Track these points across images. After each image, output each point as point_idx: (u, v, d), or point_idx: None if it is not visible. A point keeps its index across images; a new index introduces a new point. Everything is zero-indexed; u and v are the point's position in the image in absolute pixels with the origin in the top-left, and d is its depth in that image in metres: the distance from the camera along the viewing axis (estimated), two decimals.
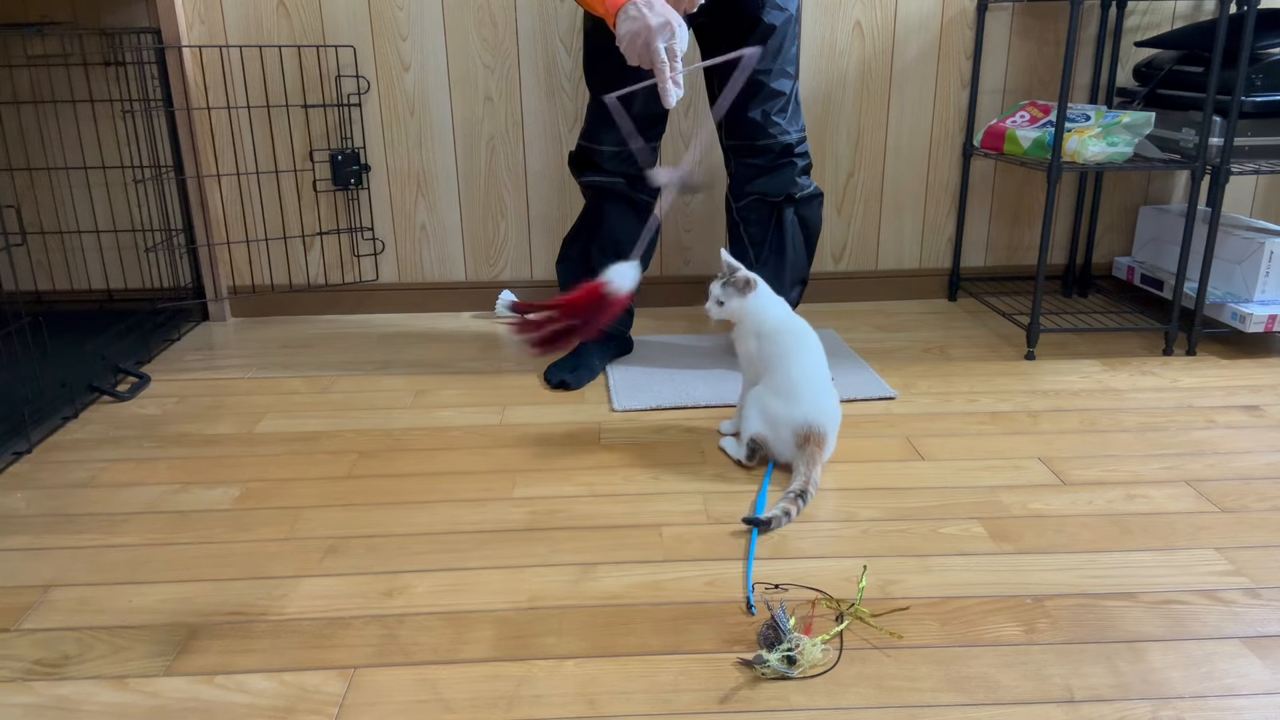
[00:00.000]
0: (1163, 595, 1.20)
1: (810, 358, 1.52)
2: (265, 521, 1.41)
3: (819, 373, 1.51)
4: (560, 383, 1.91)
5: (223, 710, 1.02)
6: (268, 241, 2.39)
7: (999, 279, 2.51)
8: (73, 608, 1.21)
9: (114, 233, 2.36)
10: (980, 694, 1.03)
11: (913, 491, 1.47)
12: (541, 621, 1.16)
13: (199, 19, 2.23)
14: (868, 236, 2.47)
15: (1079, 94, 2.39)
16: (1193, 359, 2.03)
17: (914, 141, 2.39)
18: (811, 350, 1.52)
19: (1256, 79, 1.96)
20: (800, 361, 1.51)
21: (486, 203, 2.39)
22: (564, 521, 1.40)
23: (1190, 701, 1.01)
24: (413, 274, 2.45)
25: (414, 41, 2.26)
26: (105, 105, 2.26)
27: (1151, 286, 2.30)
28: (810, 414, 1.47)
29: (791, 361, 1.50)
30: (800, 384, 1.49)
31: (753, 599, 1.19)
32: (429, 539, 1.36)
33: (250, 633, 1.15)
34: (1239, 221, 2.25)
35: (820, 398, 1.49)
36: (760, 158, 1.86)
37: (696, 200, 2.40)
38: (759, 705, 1.02)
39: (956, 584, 1.23)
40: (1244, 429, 1.68)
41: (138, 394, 1.92)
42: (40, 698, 1.05)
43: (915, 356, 2.08)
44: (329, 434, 1.72)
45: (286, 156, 2.33)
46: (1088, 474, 1.52)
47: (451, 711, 1.02)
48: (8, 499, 1.50)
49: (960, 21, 2.31)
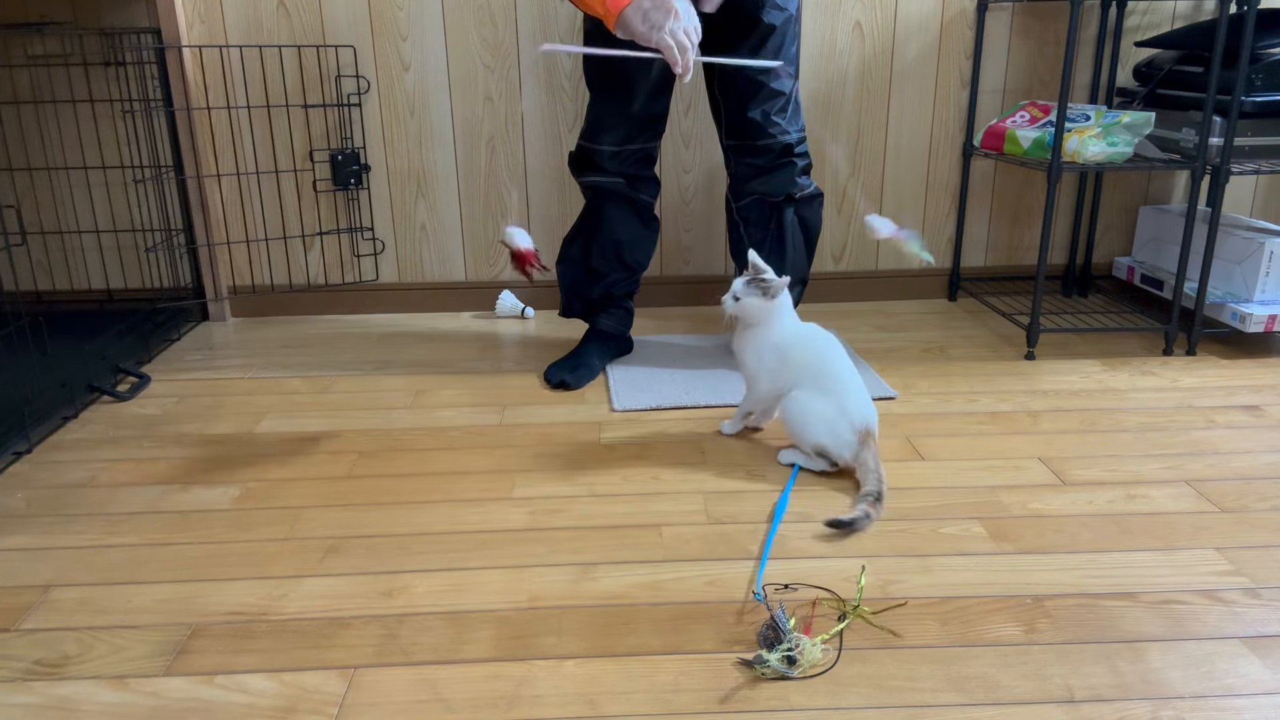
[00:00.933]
0: (1163, 595, 1.20)
1: (845, 359, 1.53)
2: (265, 521, 1.41)
3: (855, 372, 1.53)
4: (560, 383, 1.91)
5: (223, 710, 1.02)
6: (268, 241, 2.39)
7: (999, 279, 2.51)
8: (73, 608, 1.21)
9: (114, 233, 2.36)
10: (980, 694, 1.03)
11: (913, 491, 1.47)
12: (541, 621, 1.16)
13: (199, 19, 2.23)
14: (868, 236, 2.46)
15: (1079, 94, 2.39)
16: (1193, 359, 2.03)
17: (914, 142, 2.39)
18: (843, 351, 1.54)
19: (1256, 79, 1.96)
20: (842, 363, 1.52)
21: (486, 203, 2.39)
22: (564, 521, 1.40)
23: (1190, 701, 1.01)
24: (413, 274, 2.45)
25: (414, 41, 2.26)
26: (105, 105, 2.26)
27: (1151, 286, 2.30)
28: (866, 410, 1.49)
29: (833, 363, 1.51)
30: (849, 384, 1.50)
31: (761, 594, 1.19)
32: (429, 539, 1.36)
33: (250, 633, 1.15)
34: (1239, 221, 2.25)
35: (865, 395, 1.51)
36: (760, 158, 1.86)
37: (697, 201, 2.40)
38: (759, 705, 1.02)
39: (956, 584, 1.23)
40: (1244, 429, 1.68)
41: (138, 394, 1.92)
42: (40, 698, 1.05)
43: (915, 356, 2.08)
44: (329, 434, 1.72)
45: (286, 156, 2.33)
46: (1088, 474, 1.52)
47: (451, 711, 1.02)
48: (8, 499, 1.50)
49: (960, 21, 2.31)
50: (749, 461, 1.58)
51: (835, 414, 1.48)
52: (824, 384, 1.51)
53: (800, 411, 1.51)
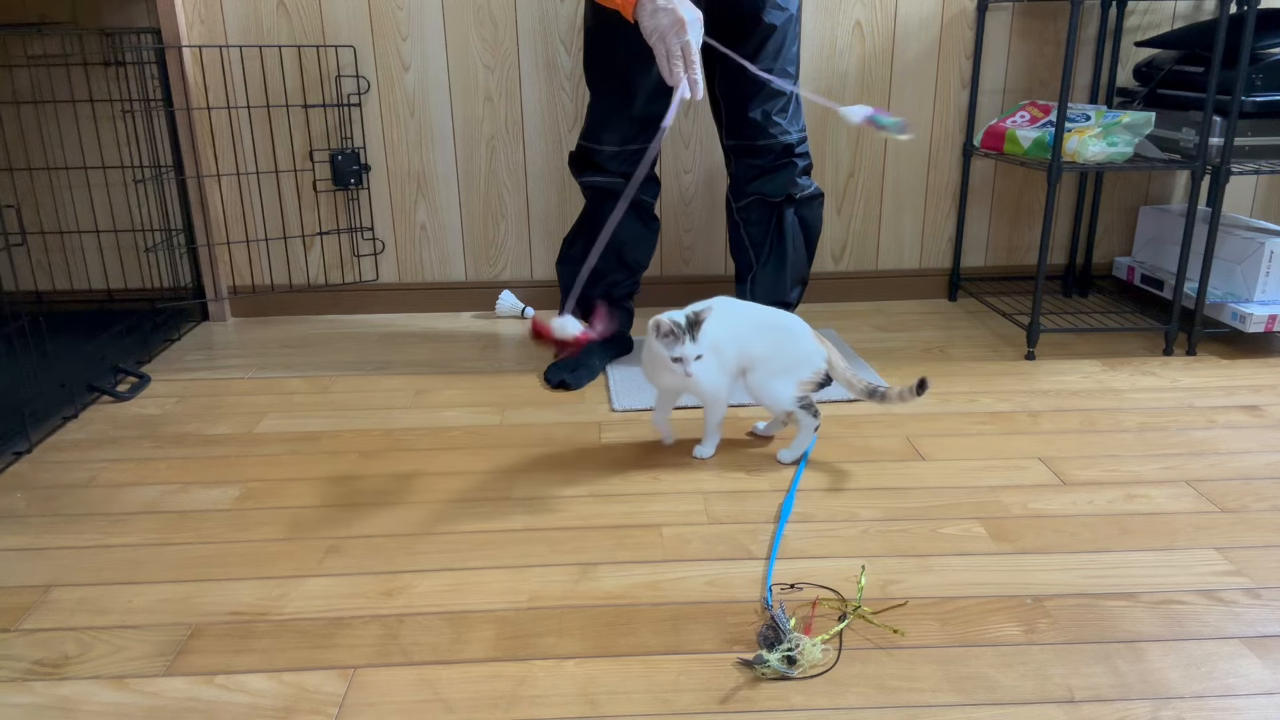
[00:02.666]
0: (1163, 595, 1.20)
1: (759, 315, 1.55)
2: (265, 521, 1.41)
3: (777, 323, 1.55)
4: (560, 383, 1.91)
5: (223, 710, 1.02)
6: (268, 241, 2.39)
7: (999, 279, 2.51)
8: (73, 608, 1.21)
9: (114, 233, 2.36)
10: (980, 694, 1.03)
11: (913, 491, 1.47)
12: (541, 621, 1.16)
13: (199, 19, 2.23)
14: (868, 236, 2.47)
15: (1079, 94, 2.39)
16: (1193, 359, 2.03)
17: (914, 141, 2.39)
18: (748, 309, 1.56)
19: (1256, 79, 1.96)
20: (760, 331, 1.54)
21: (486, 203, 2.39)
22: (564, 521, 1.40)
23: (1190, 701, 1.01)
24: (413, 274, 2.45)
25: (414, 41, 2.26)
26: (105, 105, 2.26)
27: (1151, 286, 2.30)
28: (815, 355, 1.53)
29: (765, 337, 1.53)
30: (780, 343, 1.54)
31: (770, 599, 1.19)
32: (429, 539, 1.36)
33: (250, 633, 1.15)
34: (1239, 221, 2.25)
35: (798, 341, 1.54)
36: (761, 158, 1.86)
37: (697, 200, 2.40)
38: (759, 705, 1.02)
39: (957, 584, 1.23)
40: (1244, 429, 1.68)
41: (138, 394, 1.92)
42: (40, 698, 1.05)
43: (915, 356, 2.08)
44: (329, 434, 1.72)
45: (286, 156, 2.33)
46: (1088, 474, 1.52)
47: (451, 711, 1.02)
48: (8, 499, 1.50)
49: (960, 21, 2.31)
50: (749, 461, 1.58)
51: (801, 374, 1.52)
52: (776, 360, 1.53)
53: (769, 390, 1.54)
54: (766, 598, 1.20)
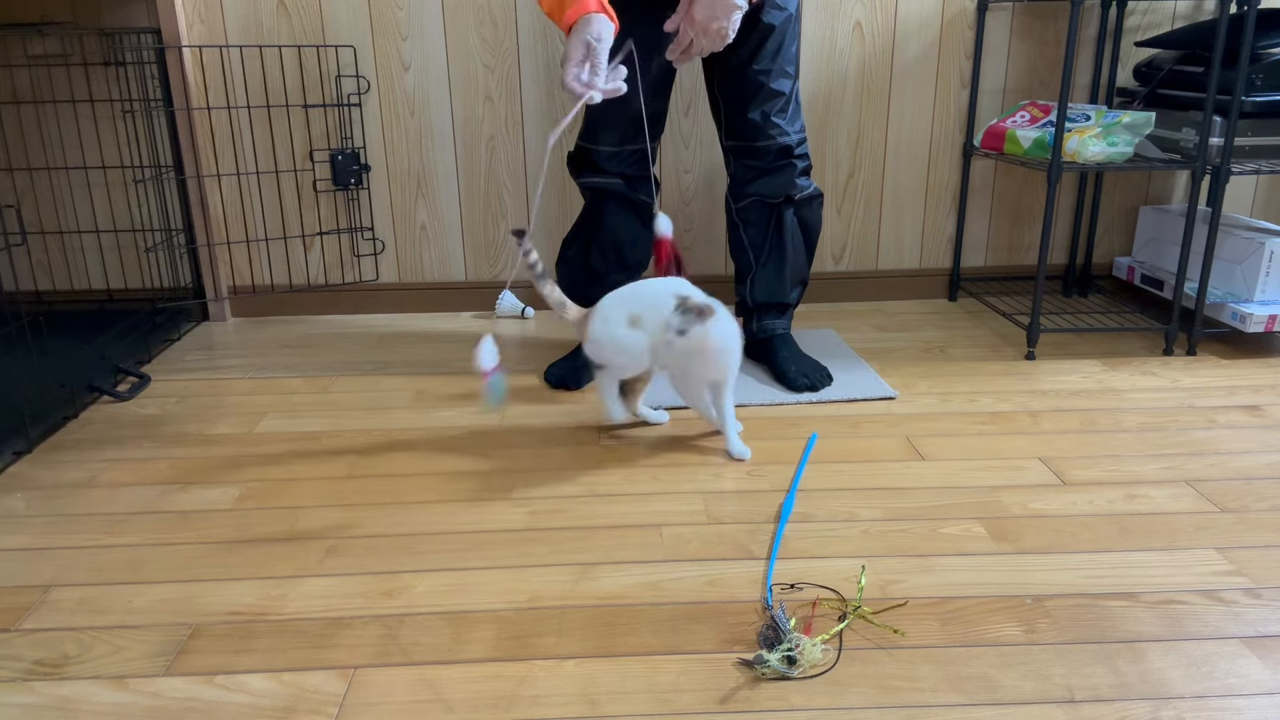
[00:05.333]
0: (1163, 595, 1.20)
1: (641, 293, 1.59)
2: (265, 521, 1.41)
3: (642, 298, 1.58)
4: (560, 383, 1.91)
5: (223, 710, 1.02)
6: (268, 241, 2.39)
7: (999, 279, 2.51)
8: (73, 608, 1.21)
9: (114, 233, 2.36)
10: (980, 694, 1.03)
11: (913, 491, 1.47)
12: (541, 621, 1.16)
13: (199, 19, 2.23)
14: (868, 236, 2.47)
15: (1079, 94, 2.39)
16: (1193, 359, 2.03)
17: (914, 141, 2.39)
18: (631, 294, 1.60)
19: (1256, 79, 1.96)
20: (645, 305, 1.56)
21: (486, 203, 2.39)
22: (564, 521, 1.40)
23: (1190, 701, 1.01)
24: (413, 274, 2.45)
25: (414, 41, 2.26)
26: (105, 105, 2.26)
27: (1151, 286, 2.30)
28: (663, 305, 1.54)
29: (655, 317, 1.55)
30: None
31: (771, 599, 1.19)
32: (429, 539, 1.36)
33: (250, 633, 1.15)
34: (1239, 221, 2.25)
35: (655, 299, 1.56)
36: (759, 159, 1.86)
37: (697, 201, 2.40)
38: (759, 705, 1.02)
39: (957, 584, 1.23)
40: (1244, 429, 1.68)
41: (138, 394, 1.92)
42: (40, 698, 1.05)
43: (915, 356, 2.08)
44: (329, 434, 1.72)
45: (286, 156, 2.33)
46: (1088, 474, 1.52)
47: (451, 711, 1.02)
48: (8, 499, 1.50)
49: (960, 21, 2.31)
50: (749, 461, 1.58)
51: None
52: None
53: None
54: (766, 598, 1.20)
